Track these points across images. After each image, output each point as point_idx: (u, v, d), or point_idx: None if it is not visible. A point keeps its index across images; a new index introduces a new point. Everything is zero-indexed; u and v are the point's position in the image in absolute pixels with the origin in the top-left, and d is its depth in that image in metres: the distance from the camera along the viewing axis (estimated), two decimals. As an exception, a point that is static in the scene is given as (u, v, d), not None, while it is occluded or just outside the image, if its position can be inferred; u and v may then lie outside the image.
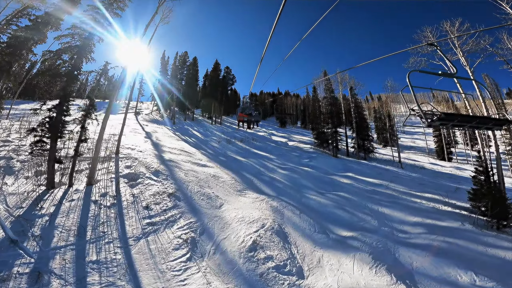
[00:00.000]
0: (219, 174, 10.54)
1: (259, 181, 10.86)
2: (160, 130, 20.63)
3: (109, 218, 6.02)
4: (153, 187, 7.68)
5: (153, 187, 7.69)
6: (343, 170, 16.78)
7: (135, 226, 5.95)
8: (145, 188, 7.55)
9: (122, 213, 6.28)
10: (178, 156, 11.71)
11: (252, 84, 6.81)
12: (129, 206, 6.59)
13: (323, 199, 10.08)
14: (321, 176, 13.90)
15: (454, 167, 27.14)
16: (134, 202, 6.76)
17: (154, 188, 7.67)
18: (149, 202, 6.91)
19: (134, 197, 6.97)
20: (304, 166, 16.07)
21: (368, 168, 18.64)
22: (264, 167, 13.67)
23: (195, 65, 39.84)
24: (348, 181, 13.52)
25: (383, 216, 9.21)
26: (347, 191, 11.69)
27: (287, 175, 12.82)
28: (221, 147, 17.53)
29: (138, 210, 6.48)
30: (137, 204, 6.73)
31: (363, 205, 10.11)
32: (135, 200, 6.85)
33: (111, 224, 5.86)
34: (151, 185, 7.82)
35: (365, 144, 23.48)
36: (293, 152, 21.03)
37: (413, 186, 14.10)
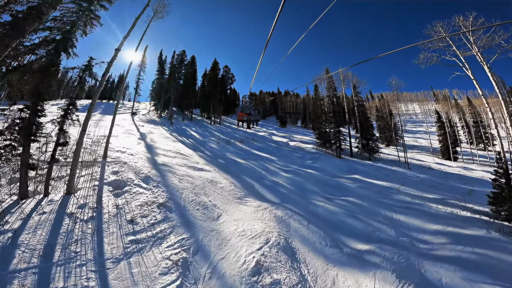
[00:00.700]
0: (217, 179, 9.62)
1: (261, 186, 9.95)
2: (156, 130, 19.71)
3: (84, 235, 5.09)
4: (141, 196, 6.76)
5: (141, 196, 6.76)
6: (349, 172, 15.88)
7: (115, 244, 5.02)
8: (131, 198, 6.62)
9: (101, 228, 5.35)
10: (172, 159, 10.78)
11: (252, 83, 6.55)
12: (111, 219, 5.66)
13: (332, 206, 9.17)
14: (326, 179, 12.99)
15: (461, 167, 26.31)
16: (117, 215, 5.84)
17: (143, 197, 6.74)
18: (135, 214, 5.98)
19: (117, 209, 6.05)
20: (307, 168, 15.17)
21: (374, 169, 17.75)
22: (266, 170, 12.75)
23: (193, 64, 38.93)
24: (355, 184, 12.61)
25: (399, 224, 8.35)
26: (356, 195, 10.79)
27: (291, 178, 11.91)
28: (220, 149, 16.60)
29: (121, 225, 5.56)
30: (121, 217, 5.81)
31: (376, 211, 9.22)
32: (119, 213, 5.92)
33: (86, 242, 4.94)
34: (139, 193, 6.89)
35: (370, 144, 22.58)
36: (295, 153, 20.11)
37: (424, 188, 13.22)
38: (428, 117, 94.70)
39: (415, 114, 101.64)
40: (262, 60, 3.97)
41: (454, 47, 12.38)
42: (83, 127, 6.98)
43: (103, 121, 20.32)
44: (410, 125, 78.75)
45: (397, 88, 23.52)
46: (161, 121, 28.93)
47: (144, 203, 6.45)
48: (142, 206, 6.34)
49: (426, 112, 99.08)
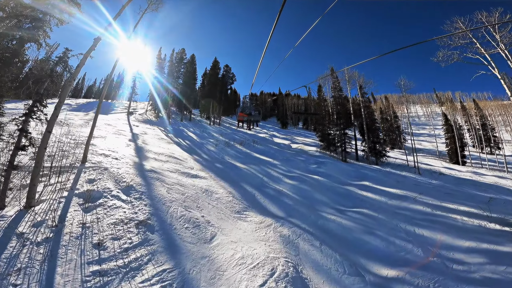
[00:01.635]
0: (213, 187, 8.39)
1: (263, 196, 8.71)
2: (151, 131, 18.51)
3: (32, 262, 3.88)
4: (117, 212, 5.53)
5: (117, 212, 5.53)
6: (358, 178, 14.65)
7: (71, 276, 3.81)
8: (105, 214, 5.40)
9: (57, 254, 4.14)
10: (163, 164, 9.56)
11: (252, 84, 6.36)
12: (72, 242, 4.44)
13: (345, 220, 7.95)
14: (334, 186, 11.77)
15: (471, 172, 25.09)
16: (82, 236, 4.62)
17: (119, 213, 5.52)
18: (105, 236, 4.76)
19: (83, 228, 4.82)
20: (313, 173, 13.94)
21: (384, 175, 16.51)
22: (268, 176, 11.52)
23: (193, 62, 37.81)
24: (367, 193, 11.38)
25: (425, 241, 7.20)
26: (370, 206, 9.57)
27: (296, 186, 10.68)
28: (218, 151, 15.39)
29: (83, 250, 4.34)
30: (86, 239, 4.58)
31: (395, 226, 8.04)
32: (84, 233, 4.70)
33: (33, 272, 3.73)
34: (116, 208, 5.66)
35: (377, 147, 21.35)
36: (298, 157, 18.88)
37: (441, 197, 12.01)
38: (431, 120, 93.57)
39: (417, 116, 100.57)
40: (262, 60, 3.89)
41: (478, 44, 11.22)
42: (47, 128, 5.76)
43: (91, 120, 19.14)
44: (413, 128, 77.58)
45: (406, 89, 22.32)
46: (158, 121, 27.73)
47: (119, 221, 5.22)
48: (116, 224, 5.12)
49: (429, 114, 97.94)
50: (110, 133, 13.75)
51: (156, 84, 32.50)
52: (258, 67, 4.39)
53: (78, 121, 17.65)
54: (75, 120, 17.82)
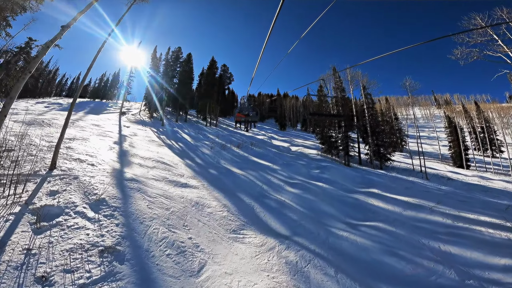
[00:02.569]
0: (205, 199, 7.20)
1: (263, 209, 7.54)
2: (142, 132, 17.27)
3: None
4: (77, 234, 4.33)
5: (78, 234, 4.33)
6: (364, 185, 13.56)
7: None
8: (60, 236, 4.20)
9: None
10: (149, 171, 8.35)
11: (250, 84, 6.26)
12: (8, 274, 3.24)
13: (359, 237, 6.83)
14: (341, 195, 10.65)
15: (477, 176, 24.21)
16: (23, 267, 3.42)
17: (80, 235, 4.31)
18: (55, 267, 3.56)
19: (28, 256, 3.62)
20: (316, 179, 12.82)
21: (391, 181, 15.45)
22: (268, 184, 10.36)
23: (189, 61, 36.60)
24: (377, 202, 10.28)
25: (454, 259, 6.24)
26: (384, 219, 8.47)
27: (299, 196, 9.53)
28: (214, 155, 14.19)
29: (22, 285, 3.14)
30: (28, 270, 3.39)
31: (417, 242, 7.01)
32: (27, 262, 3.50)
33: None
34: (77, 229, 4.46)
35: (381, 151, 20.32)
36: (299, 160, 17.76)
37: (456, 205, 10.99)
38: (430, 122, 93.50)
39: (416, 118, 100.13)
40: (260, 61, 3.84)
41: (500, 41, 10.28)
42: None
43: (82, 121, 17.86)
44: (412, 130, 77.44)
45: (412, 90, 21.34)
46: (151, 122, 26.48)
47: (77, 247, 4.02)
48: (72, 251, 3.91)
49: (427, 116, 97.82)
50: (94, 135, 12.50)
51: (151, 83, 31.24)
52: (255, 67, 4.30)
53: (63, 121, 16.36)
54: (59, 120, 16.52)
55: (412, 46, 2.79)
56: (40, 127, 13.16)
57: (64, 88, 68.10)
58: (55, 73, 50.66)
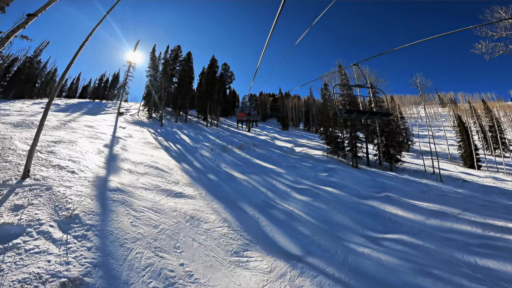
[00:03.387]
0: (201, 212, 6.21)
1: (270, 222, 6.54)
2: (138, 134, 16.34)
3: None
4: (36, 261, 3.36)
5: (37, 261, 3.37)
6: (377, 189, 12.53)
7: None
8: (15, 263, 3.24)
9: None
10: (139, 179, 7.37)
11: (251, 84, 6.21)
12: None
13: (384, 254, 5.82)
14: (354, 202, 9.62)
15: (490, 177, 23.08)
16: None
17: (39, 262, 3.35)
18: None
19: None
20: (325, 184, 11.80)
21: (404, 184, 14.40)
22: (273, 190, 9.35)
23: (189, 60, 35.69)
24: (395, 209, 9.25)
25: (496, 276, 5.50)
26: (408, 230, 7.46)
27: (309, 204, 8.52)
28: (214, 157, 13.21)
29: None
30: None
31: (450, 257, 6.11)
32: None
33: None
34: (37, 253, 3.50)
35: (390, 151, 19.23)
36: (304, 163, 16.73)
37: (479, 211, 9.99)
38: (435, 121, 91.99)
39: (420, 117, 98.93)
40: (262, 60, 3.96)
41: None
42: None
43: (76, 122, 16.96)
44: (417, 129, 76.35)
45: (423, 88, 20.22)
46: (150, 122, 25.57)
47: (34, 277, 3.05)
48: (26, 283, 2.95)
49: (432, 115, 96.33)
50: (84, 137, 11.57)
51: (149, 83, 30.35)
52: (257, 67, 4.27)
53: (54, 122, 15.47)
54: (51, 121, 15.64)
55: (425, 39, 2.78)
56: (27, 129, 12.24)
57: (64, 88, 67.54)
58: (53, 74, 49.95)
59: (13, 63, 40.46)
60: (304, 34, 3.67)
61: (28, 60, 40.12)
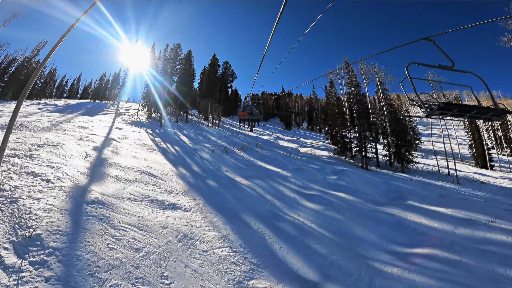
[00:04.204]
0: (197, 228, 5.25)
1: (278, 239, 5.57)
2: (134, 135, 15.44)
3: None
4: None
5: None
6: (393, 193, 11.51)
7: None
8: None
9: None
10: (126, 187, 6.43)
11: (253, 84, 6.10)
12: None
13: (417, 275, 4.85)
14: (371, 210, 8.60)
15: (506, 178, 21.83)
16: None
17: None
18: None
19: None
20: (335, 189, 10.78)
21: (420, 187, 13.33)
22: (280, 198, 8.36)
23: (189, 59, 34.79)
24: (419, 217, 8.21)
25: None
26: (439, 242, 6.49)
27: (321, 213, 7.52)
28: (214, 160, 12.25)
29: None
30: None
31: (494, 273, 5.37)
32: None
33: None
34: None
35: (402, 152, 18.13)
36: (311, 164, 15.72)
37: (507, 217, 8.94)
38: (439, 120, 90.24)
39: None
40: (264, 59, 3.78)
41: None
42: None
43: (69, 123, 16.11)
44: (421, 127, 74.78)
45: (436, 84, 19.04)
46: (149, 123, 24.70)
47: None
48: None
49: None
50: (74, 139, 10.68)
51: (148, 82, 29.54)
52: (259, 66, 4.18)
53: (46, 123, 14.62)
54: (42, 122, 14.80)
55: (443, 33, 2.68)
56: (14, 131, 11.38)
57: (65, 89, 67.16)
58: (53, 74, 49.35)
59: (11, 64, 39.94)
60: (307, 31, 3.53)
61: (26, 60, 39.51)
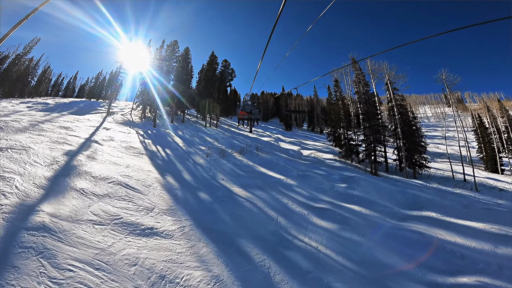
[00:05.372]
0: (178, 264, 3.88)
1: (287, 275, 4.15)
2: (122, 136, 14.04)
3: None
4: None
5: None
6: (411, 205, 10.15)
7: None
8: None
9: None
10: (91, 205, 5.04)
11: (253, 83, 6.02)
12: None
13: None
14: (394, 227, 7.23)
15: (520, 184, 20.49)
16: None
17: None
18: None
19: None
20: (347, 200, 9.42)
21: (440, 196, 11.98)
22: (285, 214, 6.98)
23: (187, 57, 33.43)
24: (450, 235, 6.85)
25: None
26: (485, 267, 5.14)
27: (336, 234, 6.15)
28: (209, 166, 10.86)
29: None
30: None
31: None
32: None
33: None
34: None
35: (415, 157, 16.79)
36: (316, 170, 14.36)
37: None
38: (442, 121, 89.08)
39: (426, 117, 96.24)
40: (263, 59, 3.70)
41: None
42: None
43: (51, 122, 14.70)
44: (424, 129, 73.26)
45: (451, 84, 17.67)
46: (142, 123, 23.30)
47: None
48: None
49: (438, 115, 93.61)
50: (48, 141, 9.29)
51: (143, 80, 28.15)
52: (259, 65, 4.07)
53: (24, 123, 13.20)
54: (21, 122, 13.39)
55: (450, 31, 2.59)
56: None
57: (61, 88, 65.68)
58: (46, 72, 47.81)
59: (3, 61, 38.47)
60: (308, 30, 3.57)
61: (18, 58, 38.01)
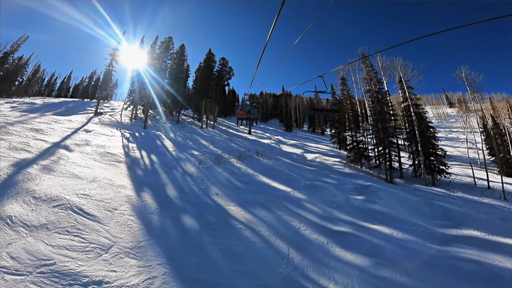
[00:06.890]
0: None
1: None
2: (102, 140, 12.25)
3: None
4: None
5: None
6: (444, 220, 8.43)
7: None
8: None
9: None
10: (10, 245, 3.28)
11: (251, 83, 5.95)
12: None
13: None
14: (442, 257, 5.50)
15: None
16: None
17: None
18: None
19: None
20: (369, 218, 7.67)
21: (471, 208, 10.22)
22: (299, 246, 5.21)
23: (182, 54, 31.64)
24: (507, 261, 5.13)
25: None
26: None
27: (372, 274, 4.39)
28: (202, 175, 9.09)
29: None
30: None
31: None
32: None
33: None
34: None
35: (432, 162, 15.11)
36: (326, 178, 12.63)
37: None
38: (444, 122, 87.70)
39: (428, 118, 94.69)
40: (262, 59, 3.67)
41: None
42: None
43: (23, 123, 12.88)
44: (427, 131, 71.48)
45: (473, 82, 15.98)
46: (131, 124, 21.50)
47: None
48: None
49: (440, 116, 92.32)
50: (2, 148, 7.48)
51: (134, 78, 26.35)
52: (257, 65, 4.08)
53: None
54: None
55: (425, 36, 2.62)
56: None
57: (54, 88, 63.73)
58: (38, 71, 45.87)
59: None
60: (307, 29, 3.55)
61: (5, 56, 36.06)
